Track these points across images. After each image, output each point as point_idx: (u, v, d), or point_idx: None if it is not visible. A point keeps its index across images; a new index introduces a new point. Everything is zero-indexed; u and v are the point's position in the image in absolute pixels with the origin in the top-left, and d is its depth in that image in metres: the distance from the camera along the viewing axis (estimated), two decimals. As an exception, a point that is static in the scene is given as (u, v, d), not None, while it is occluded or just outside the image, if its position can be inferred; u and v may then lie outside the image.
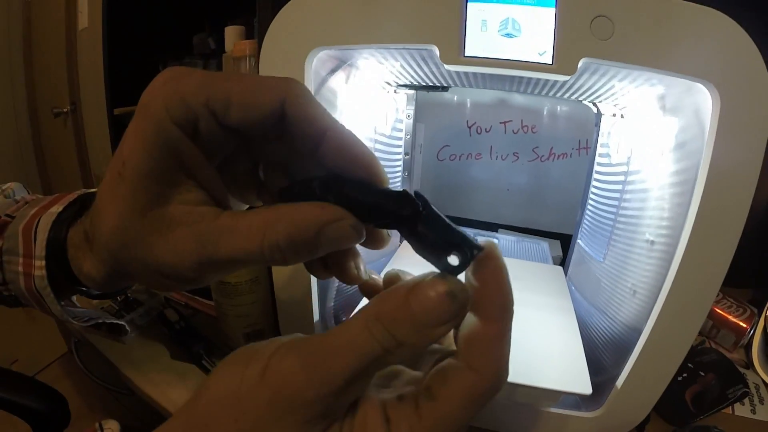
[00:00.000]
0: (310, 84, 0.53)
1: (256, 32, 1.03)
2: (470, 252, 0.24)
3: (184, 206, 0.27)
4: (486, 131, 0.97)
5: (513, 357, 0.52)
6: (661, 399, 0.57)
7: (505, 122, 0.95)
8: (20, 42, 2.52)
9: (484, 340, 0.24)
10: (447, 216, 0.25)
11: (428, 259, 0.25)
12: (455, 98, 0.96)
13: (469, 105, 0.97)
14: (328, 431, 0.23)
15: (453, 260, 0.24)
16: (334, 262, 0.31)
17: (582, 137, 0.92)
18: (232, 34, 1.09)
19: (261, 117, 0.25)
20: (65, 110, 2.29)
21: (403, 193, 0.25)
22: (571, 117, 0.92)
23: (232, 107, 0.25)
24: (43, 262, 0.37)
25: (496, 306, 0.25)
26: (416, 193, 0.26)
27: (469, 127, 0.97)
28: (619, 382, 0.56)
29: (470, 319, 0.25)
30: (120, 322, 0.59)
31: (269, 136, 0.27)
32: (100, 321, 0.51)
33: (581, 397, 0.61)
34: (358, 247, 0.29)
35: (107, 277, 0.33)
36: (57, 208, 0.38)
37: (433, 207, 0.25)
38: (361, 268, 0.31)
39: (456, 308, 0.23)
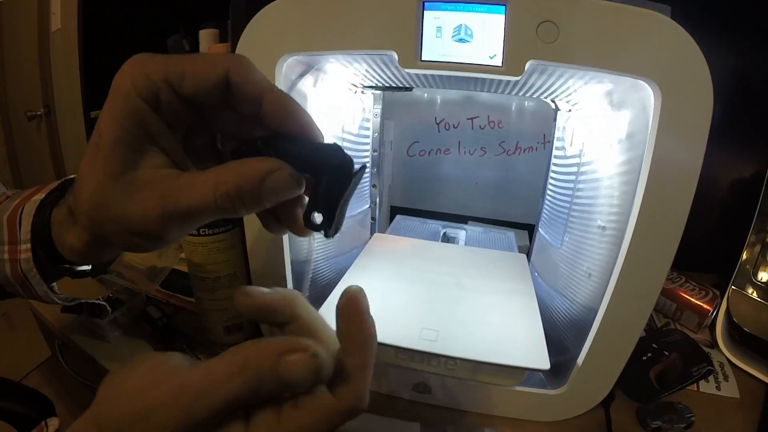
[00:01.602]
0: (281, 88, 0.56)
1: (229, 35, 1.04)
2: (330, 224, 0.30)
3: (149, 170, 0.31)
4: (454, 127, 0.99)
5: (477, 337, 0.56)
6: (626, 377, 0.60)
7: (472, 118, 0.98)
8: (-9, 44, 2.48)
9: (345, 371, 0.28)
10: (418, 209, 0.30)
11: (309, 203, 0.31)
12: (424, 96, 0.99)
13: (437, 102, 0.99)
14: None
15: (317, 218, 0.30)
16: (284, 214, 0.34)
17: (546, 131, 0.95)
18: (206, 37, 1.10)
19: (210, 85, 0.29)
20: (39, 113, 2.24)
21: (334, 146, 0.30)
22: (535, 112, 0.95)
23: (186, 79, 0.29)
24: (29, 245, 0.41)
25: (357, 343, 0.29)
26: (363, 166, 0.31)
27: (438, 124, 1.00)
28: (580, 359, 0.59)
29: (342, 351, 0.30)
30: (101, 302, 0.62)
31: (220, 104, 0.31)
32: (82, 301, 0.56)
33: (546, 374, 0.65)
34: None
35: (88, 245, 0.37)
36: (39, 196, 0.42)
37: (354, 180, 0.30)
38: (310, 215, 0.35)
39: (317, 379, 0.27)
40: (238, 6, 0.87)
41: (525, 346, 0.56)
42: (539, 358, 0.54)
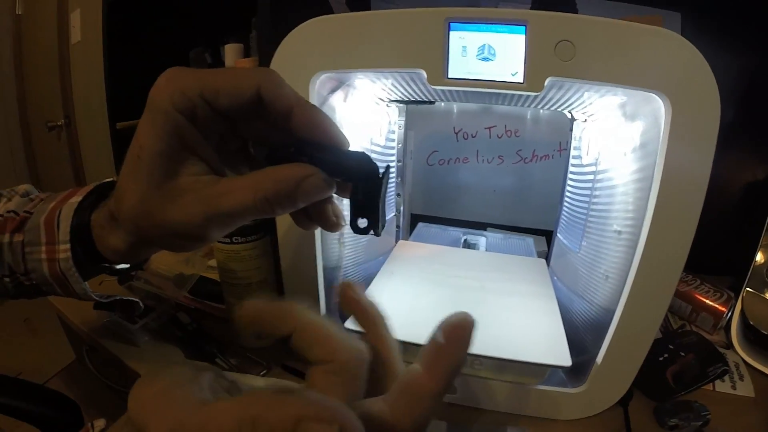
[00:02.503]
0: (314, 104, 0.59)
1: (257, 49, 1.06)
2: (375, 226, 0.32)
3: (190, 177, 0.33)
4: (472, 136, 1.02)
5: (502, 337, 0.59)
6: (644, 377, 0.62)
7: (489, 128, 1.00)
8: (10, 56, 2.51)
9: (417, 391, 0.25)
10: (438, 217, 0.33)
11: (351, 210, 0.33)
12: (442, 106, 1.01)
13: (455, 112, 1.02)
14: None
15: (362, 223, 0.33)
16: (316, 213, 0.37)
17: (561, 139, 0.97)
18: (231, 51, 1.13)
19: (243, 101, 0.31)
20: (59, 124, 2.30)
21: (361, 154, 0.33)
22: (550, 121, 0.97)
23: (221, 95, 0.31)
24: (68, 245, 0.44)
25: (445, 365, 0.25)
26: (387, 166, 0.34)
27: (456, 133, 1.03)
28: (599, 358, 0.62)
29: (412, 368, 0.26)
30: (134, 299, 0.65)
31: (252, 116, 0.33)
32: (117, 298, 0.58)
33: (566, 373, 0.67)
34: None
35: (131, 246, 0.40)
36: (76, 199, 0.46)
37: (384, 182, 0.33)
38: (339, 216, 0.37)
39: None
40: (264, 21, 0.90)
41: (547, 344, 0.59)
42: (561, 356, 0.57)
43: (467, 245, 0.99)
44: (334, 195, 0.36)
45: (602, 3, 0.95)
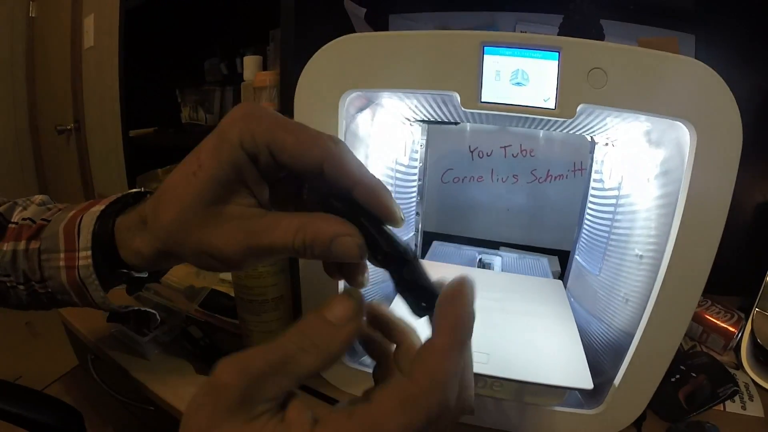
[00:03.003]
0: (342, 122, 0.59)
1: (277, 60, 1.06)
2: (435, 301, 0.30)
3: (238, 207, 0.34)
4: (487, 155, 1.03)
5: (520, 359, 0.59)
6: (656, 398, 0.62)
7: (504, 147, 1.01)
8: (23, 58, 2.51)
9: (426, 349, 0.28)
10: (450, 235, 0.32)
11: (404, 296, 0.32)
12: (459, 125, 1.02)
13: (471, 131, 1.03)
14: (255, 421, 0.26)
15: (425, 305, 0.31)
16: (346, 271, 0.37)
17: (576, 159, 0.98)
18: (251, 64, 1.14)
19: (306, 167, 0.32)
20: (69, 128, 2.29)
21: (403, 244, 0.32)
22: (566, 141, 0.98)
23: (286, 154, 0.32)
24: (89, 252, 0.44)
25: (448, 321, 0.28)
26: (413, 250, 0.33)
27: (471, 152, 1.04)
28: (617, 380, 0.62)
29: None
30: (151, 311, 0.64)
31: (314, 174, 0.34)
32: (134, 308, 0.59)
33: (583, 395, 0.67)
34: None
35: (155, 252, 0.40)
36: (99, 207, 0.46)
37: (420, 262, 0.32)
38: (366, 280, 0.37)
39: (354, 306, 0.29)
40: (288, 34, 0.91)
41: (568, 367, 0.60)
42: (582, 378, 0.57)
43: (482, 265, 0.99)
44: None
45: (618, 25, 0.96)
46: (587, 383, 0.56)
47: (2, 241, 0.49)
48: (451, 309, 0.28)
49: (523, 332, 0.68)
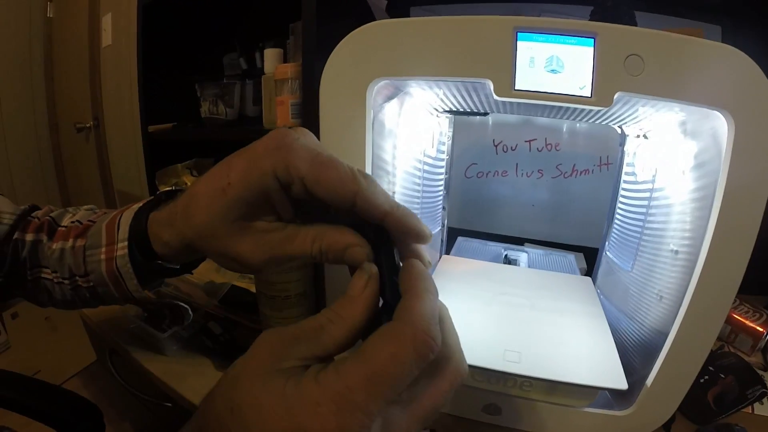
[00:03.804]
0: (369, 112, 0.57)
1: (298, 54, 1.05)
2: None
3: (263, 222, 0.38)
4: (512, 149, 1.01)
5: (555, 359, 0.58)
6: (685, 400, 0.61)
7: (529, 141, 0.99)
8: (41, 57, 2.55)
9: (404, 302, 0.30)
10: (474, 230, 0.32)
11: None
12: (482, 118, 1.01)
13: (495, 125, 1.01)
14: (280, 372, 0.29)
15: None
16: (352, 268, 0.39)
17: (603, 154, 0.96)
18: (272, 56, 1.13)
19: (337, 201, 0.34)
20: (88, 125, 2.33)
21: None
22: (592, 135, 0.96)
23: (319, 187, 0.34)
24: (126, 243, 0.49)
25: (411, 280, 0.32)
26: None
27: (496, 146, 1.02)
28: (649, 381, 0.60)
29: None
30: (184, 305, 0.68)
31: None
32: (167, 301, 0.63)
33: (614, 395, 0.65)
34: None
35: (182, 245, 0.44)
36: (137, 206, 0.51)
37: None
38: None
39: (366, 277, 0.32)
40: (309, 27, 0.90)
41: (601, 366, 0.58)
42: (616, 378, 0.56)
43: (508, 261, 0.98)
44: None
45: (643, 16, 0.94)
46: (621, 383, 0.55)
47: (52, 241, 0.55)
48: (408, 273, 0.32)
49: (553, 330, 0.67)
